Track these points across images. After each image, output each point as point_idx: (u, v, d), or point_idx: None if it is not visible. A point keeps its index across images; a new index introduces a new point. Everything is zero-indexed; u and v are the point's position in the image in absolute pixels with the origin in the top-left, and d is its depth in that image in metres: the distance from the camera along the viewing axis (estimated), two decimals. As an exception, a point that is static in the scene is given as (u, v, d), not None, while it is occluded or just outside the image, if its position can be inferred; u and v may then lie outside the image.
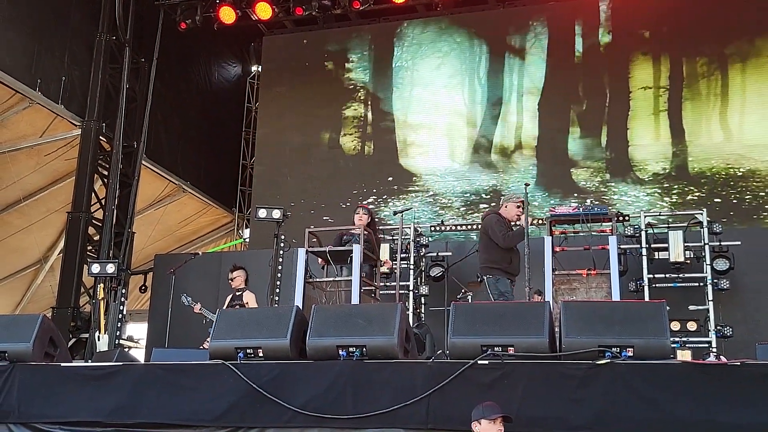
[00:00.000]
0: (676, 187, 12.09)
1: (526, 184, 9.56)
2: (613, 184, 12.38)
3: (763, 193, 11.67)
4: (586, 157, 12.66)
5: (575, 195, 12.37)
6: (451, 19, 14.17)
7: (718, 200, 11.76)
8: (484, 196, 13.01)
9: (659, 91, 12.57)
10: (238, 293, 9.52)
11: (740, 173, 11.80)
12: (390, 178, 13.71)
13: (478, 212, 12.72)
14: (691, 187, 11.98)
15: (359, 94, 14.47)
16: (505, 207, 8.22)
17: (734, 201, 11.71)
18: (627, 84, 12.78)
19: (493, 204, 13.06)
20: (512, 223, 8.15)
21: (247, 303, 9.39)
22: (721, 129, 12.12)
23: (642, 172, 12.37)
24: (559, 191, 12.04)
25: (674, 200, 11.96)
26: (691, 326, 9.34)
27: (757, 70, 12.22)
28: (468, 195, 13.16)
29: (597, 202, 11.68)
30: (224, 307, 9.43)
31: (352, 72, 14.55)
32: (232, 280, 9.52)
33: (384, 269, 9.60)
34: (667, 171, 12.23)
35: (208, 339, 9.13)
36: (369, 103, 14.28)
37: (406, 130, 13.89)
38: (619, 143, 12.56)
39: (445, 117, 13.65)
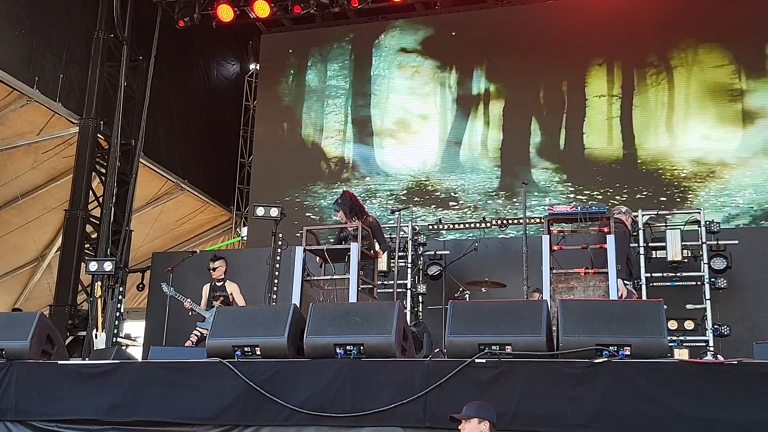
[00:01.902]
0: (626, 187, 12.97)
1: (524, 183, 9.62)
2: (570, 183, 13.25)
3: (704, 192, 12.60)
4: (546, 159, 13.59)
5: (535, 194, 13.25)
6: (424, 31, 15.03)
7: (663, 199, 12.64)
8: (452, 195, 13.90)
9: (612, 99, 13.58)
10: (218, 284, 9.47)
11: (683, 174, 12.77)
12: (367, 179, 14.52)
13: (447, 209, 13.68)
14: (640, 187, 12.89)
15: (340, 100, 15.25)
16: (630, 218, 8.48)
17: (678, 200, 12.63)
18: (583, 92, 13.72)
19: (469, 203, 13.33)
20: None
21: (231, 294, 9.37)
22: (667, 134, 13.10)
23: (596, 173, 13.25)
24: (520, 191, 12.79)
25: (624, 199, 12.75)
26: (689, 325, 9.35)
27: (698, 80, 13.20)
28: (438, 194, 14.03)
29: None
30: (205, 298, 9.41)
31: (334, 80, 15.44)
32: (214, 269, 9.47)
33: (380, 267, 9.58)
34: (619, 172, 13.16)
35: (193, 333, 9.19)
36: (349, 108, 15.16)
37: (383, 134, 14.79)
38: (576, 147, 13.51)
39: (418, 122, 14.63)
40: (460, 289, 9.67)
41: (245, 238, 16.14)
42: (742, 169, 12.46)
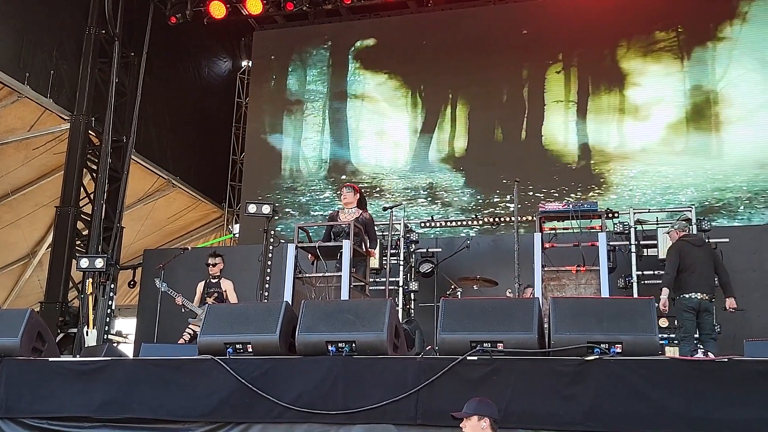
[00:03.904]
0: (580, 185, 13.83)
1: (516, 180, 9.62)
2: (529, 182, 13.85)
3: (650, 191, 13.45)
4: (507, 160, 14.35)
5: (497, 191, 14.03)
6: (397, 37, 15.67)
7: (614, 197, 13.56)
8: (421, 192, 14.65)
9: (569, 104, 14.46)
10: (214, 280, 9.48)
11: (632, 174, 13.67)
12: (343, 177, 15.05)
13: (416, 206, 14.44)
14: (593, 185, 13.83)
15: (318, 103, 15.86)
16: None
17: (627, 197, 13.49)
18: (543, 98, 14.57)
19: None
20: None
21: (225, 291, 9.38)
22: (618, 137, 14.01)
23: (552, 173, 14.04)
24: (483, 189, 14.18)
25: (579, 196, 13.63)
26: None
27: (645, 88, 14.03)
28: (408, 191, 14.76)
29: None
30: (200, 295, 9.41)
31: (312, 84, 16.09)
32: (213, 265, 9.48)
33: (373, 264, 9.57)
34: (573, 172, 14.01)
35: (186, 331, 9.19)
36: (326, 111, 15.80)
37: (357, 136, 15.47)
38: (535, 148, 14.33)
39: (391, 124, 15.36)
40: (452, 287, 9.67)
41: (237, 235, 16.13)
42: (685, 169, 13.37)
